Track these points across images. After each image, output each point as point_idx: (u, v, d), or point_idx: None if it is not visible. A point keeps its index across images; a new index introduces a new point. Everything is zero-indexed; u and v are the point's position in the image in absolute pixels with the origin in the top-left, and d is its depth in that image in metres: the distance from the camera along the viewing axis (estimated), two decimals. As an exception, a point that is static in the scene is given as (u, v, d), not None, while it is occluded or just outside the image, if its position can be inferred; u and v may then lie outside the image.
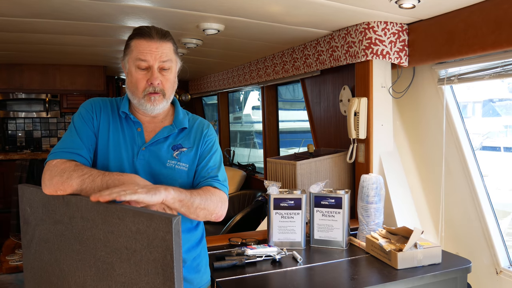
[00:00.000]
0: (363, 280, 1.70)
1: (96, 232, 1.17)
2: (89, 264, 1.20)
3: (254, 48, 3.19)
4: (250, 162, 4.97)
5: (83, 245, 1.21)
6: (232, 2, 2.00)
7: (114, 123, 1.44)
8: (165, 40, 1.39)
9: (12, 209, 4.59)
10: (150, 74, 1.37)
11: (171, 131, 1.46)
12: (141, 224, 1.08)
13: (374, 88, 2.41)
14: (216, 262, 1.77)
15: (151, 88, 1.37)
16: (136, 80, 1.38)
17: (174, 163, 1.42)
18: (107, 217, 1.15)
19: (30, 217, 1.36)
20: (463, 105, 2.43)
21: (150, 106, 1.39)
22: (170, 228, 1.02)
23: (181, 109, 1.55)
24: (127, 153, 1.40)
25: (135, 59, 1.37)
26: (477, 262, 2.31)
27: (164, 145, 1.44)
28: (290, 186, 2.52)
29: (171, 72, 1.41)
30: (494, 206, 2.31)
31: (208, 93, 5.43)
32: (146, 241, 1.07)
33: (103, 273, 1.17)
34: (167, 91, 1.41)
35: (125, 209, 1.12)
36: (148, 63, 1.36)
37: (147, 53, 1.35)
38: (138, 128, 1.44)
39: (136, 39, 1.38)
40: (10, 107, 5.84)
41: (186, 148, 1.46)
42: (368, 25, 2.29)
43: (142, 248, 1.08)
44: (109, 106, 1.47)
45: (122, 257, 1.12)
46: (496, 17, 1.82)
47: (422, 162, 2.69)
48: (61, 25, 2.51)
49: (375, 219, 2.08)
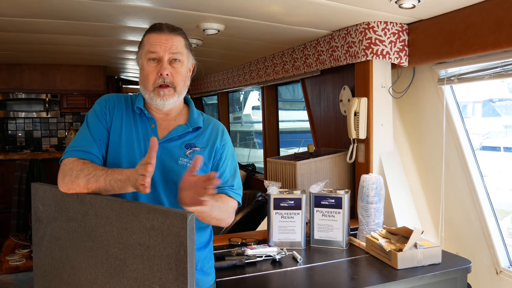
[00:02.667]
0: (363, 280, 1.70)
1: (110, 229, 1.20)
2: (101, 261, 1.22)
3: (254, 48, 3.19)
4: (250, 162, 4.97)
5: (95, 242, 1.23)
6: (232, 2, 2.00)
7: (128, 119, 1.45)
8: (175, 34, 1.41)
9: (12, 209, 4.60)
10: (160, 65, 1.38)
11: (185, 129, 1.46)
12: (156, 220, 1.11)
13: (374, 88, 2.41)
14: (216, 262, 1.77)
15: (161, 80, 1.38)
16: (147, 72, 1.40)
17: (186, 161, 1.42)
18: (121, 214, 1.18)
19: (42, 215, 1.38)
20: (463, 105, 2.42)
21: (160, 100, 1.40)
22: (185, 224, 1.04)
23: (196, 110, 1.55)
24: (139, 148, 1.40)
25: (146, 52, 1.40)
26: (477, 262, 2.31)
27: (177, 143, 1.44)
28: (290, 186, 2.52)
29: (182, 65, 1.42)
30: (493, 206, 2.31)
31: (208, 93, 5.43)
32: (160, 237, 1.10)
33: (115, 269, 1.19)
34: (178, 84, 1.41)
35: (140, 206, 1.15)
36: (158, 54, 1.38)
37: (157, 44, 1.38)
38: (152, 125, 1.45)
39: (148, 34, 1.42)
40: (10, 107, 5.84)
41: (199, 147, 1.46)
42: (368, 25, 2.29)
43: (156, 244, 1.11)
44: (124, 102, 1.48)
45: (135, 253, 1.15)
46: (496, 17, 1.82)
47: (422, 162, 2.69)
48: (61, 25, 2.51)
49: (375, 219, 2.08)
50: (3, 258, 3.13)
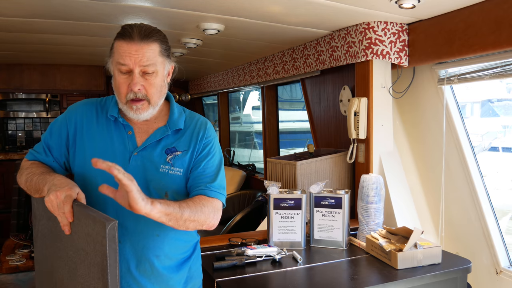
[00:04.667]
0: (363, 280, 1.70)
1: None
2: (64, 262, 1.21)
3: (254, 48, 3.19)
4: (250, 162, 4.97)
5: (61, 242, 1.22)
6: (232, 2, 1.99)
7: (101, 128, 1.37)
8: (147, 42, 1.26)
9: (12, 209, 4.59)
10: (131, 79, 1.27)
11: (164, 133, 1.37)
12: (89, 226, 1.06)
13: (374, 88, 2.41)
14: (216, 262, 1.77)
15: (132, 94, 1.28)
16: (118, 84, 1.29)
17: (168, 168, 1.34)
18: (75, 217, 1.14)
19: (36, 211, 1.40)
20: (461, 105, 2.43)
21: (134, 114, 1.31)
22: (104, 232, 0.98)
23: (177, 107, 1.45)
24: (116, 159, 1.28)
25: (116, 62, 1.28)
26: (477, 262, 2.31)
27: (157, 149, 1.36)
28: (290, 186, 2.52)
29: (156, 76, 1.30)
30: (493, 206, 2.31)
31: (208, 93, 5.43)
32: (93, 244, 1.05)
33: (72, 272, 1.16)
34: (152, 97, 1.30)
35: (82, 210, 1.10)
36: (128, 67, 1.26)
37: (126, 56, 1.25)
38: (129, 132, 1.36)
39: (117, 40, 1.28)
40: (10, 107, 5.83)
41: (180, 151, 1.36)
42: (368, 25, 2.29)
43: (91, 251, 1.06)
44: (95, 110, 1.40)
45: (81, 258, 1.11)
46: (496, 17, 1.82)
47: (422, 162, 2.69)
48: (61, 25, 2.51)
49: (375, 219, 2.08)
50: (3, 258, 3.12)
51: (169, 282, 1.39)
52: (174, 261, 1.41)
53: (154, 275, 1.36)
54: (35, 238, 1.43)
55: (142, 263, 1.35)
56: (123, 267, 1.32)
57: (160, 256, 1.37)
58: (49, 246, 1.31)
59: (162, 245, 1.37)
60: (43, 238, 1.36)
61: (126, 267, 1.33)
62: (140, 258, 1.35)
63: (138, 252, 1.34)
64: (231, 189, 4.36)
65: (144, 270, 1.35)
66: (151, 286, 1.36)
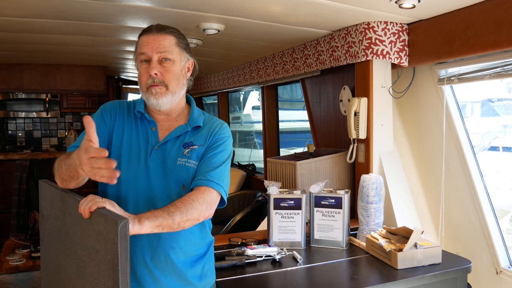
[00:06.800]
0: (363, 280, 1.70)
1: (78, 230, 1.18)
2: (72, 261, 1.21)
3: (254, 48, 3.19)
4: (250, 162, 4.97)
5: (70, 241, 1.22)
6: (232, 2, 2.00)
7: (129, 124, 1.47)
8: (164, 33, 1.41)
9: (12, 209, 4.59)
10: (150, 66, 1.39)
11: (184, 129, 1.47)
12: (100, 224, 1.07)
13: (374, 88, 2.41)
14: (216, 262, 1.77)
15: (151, 80, 1.39)
16: (140, 74, 1.42)
17: (185, 161, 1.42)
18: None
19: (44, 211, 1.42)
20: (461, 105, 2.43)
21: (154, 99, 1.40)
22: (116, 230, 0.99)
23: (197, 109, 1.56)
24: (140, 153, 1.42)
25: (138, 54, 1.42)
26: (477, 262, 2.31)
27: (176, 144, 1.45)
28: (290, 186, 2.52)
29: (173, 64, 1.41)
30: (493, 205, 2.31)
31: (208, 93, 5.43)
32: (103, 242, 1.05)
33: (80, 270, 1.17)
34: (169, 82, 1.41)
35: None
36: (147, 55, 1.39)
37: (145, 45, 1.39)
38: (153, 128, 1.47)
39: (140, 37, 1.44)
40: (10, 107, 5.83)
41: (197, 145, 1.46)
42: (368, 25, 2.29)
43: (101, 248, 1.06)
44: (126, 107, 1.51)
45: (91, 256, 1.12)
46: (496, 17, 1.82)
47: (422, 162, 2.69)
48: (61, 25, 2.51)
49: (375, 219, 2.08)
50: (3, 258, 3.13)
51: (182, 276, 1.42)
52: (189, 257, 1.44)
53: (168, 267, 1.40)
54: (41, 237, 1.45)
55: (157, 254, 1.39)
56: (138, 258, 1.37)
57: (175, 248, 1.40)
58: (56, 245, 1.32)
59: (177, 237, 1.40)
60: (50, 237, 1.36)
61: (141, 258, 1.38)
62: (156, 249, 1.39)
63: (153, 243, 1.38)
64: (231, 189, 4.36)
65: (159, 262, 1.39)
66: (165, 278, 1.40)
